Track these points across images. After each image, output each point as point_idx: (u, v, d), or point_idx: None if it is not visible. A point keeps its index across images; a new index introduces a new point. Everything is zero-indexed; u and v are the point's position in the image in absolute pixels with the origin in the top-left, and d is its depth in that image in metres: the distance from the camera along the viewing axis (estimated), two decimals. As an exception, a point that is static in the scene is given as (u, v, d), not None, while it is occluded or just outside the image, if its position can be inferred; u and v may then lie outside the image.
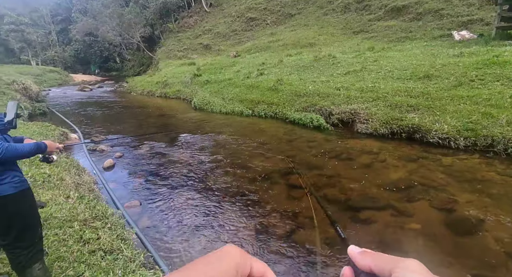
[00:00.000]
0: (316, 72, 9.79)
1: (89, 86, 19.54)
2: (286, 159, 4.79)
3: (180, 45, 24.87)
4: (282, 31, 20.07)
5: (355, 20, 17.15)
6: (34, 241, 1.64)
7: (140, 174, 4.54)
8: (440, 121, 5.16)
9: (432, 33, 12.00)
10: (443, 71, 6.94)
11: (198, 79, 12.96)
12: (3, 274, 1.84)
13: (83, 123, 8.48)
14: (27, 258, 1.61)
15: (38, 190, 3.07)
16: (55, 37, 39.62)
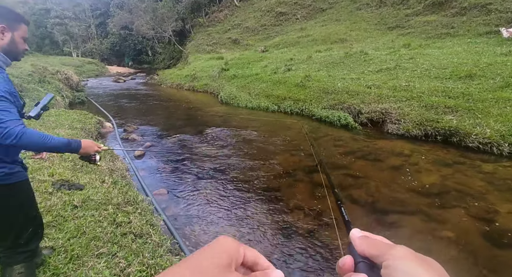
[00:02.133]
0: (346, 69, 9.48)
1: (123, 78, 20.54)
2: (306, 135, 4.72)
3: (209, 40, 25.23)
4: (312, 26, 19.62)
5: (390, 15, 16.31)
6: (17, 242, 1.48)
7: (168, 164, 4.71)
8: (482, 124, 4.79)
9: (477, 30, 11.10)
10: (488, 70, 6.42)
11: (225, 73, 13.11)
12: (48, 248, 2.00)
13: (117, 112, 8.95)
14: (6, 256, 1.49)
15: (77, 174, 3.30)
16: (94, 30, 41.95)
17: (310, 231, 2.89)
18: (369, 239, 0.34)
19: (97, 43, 40.86)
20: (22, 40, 1.36)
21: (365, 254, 0.32)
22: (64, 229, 2.21)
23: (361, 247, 0.33)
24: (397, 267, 0.28)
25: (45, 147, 1.32)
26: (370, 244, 0.33)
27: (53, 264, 1.85)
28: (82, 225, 2.29)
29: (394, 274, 0.28)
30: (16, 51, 1.35)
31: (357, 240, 0.34)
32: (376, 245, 0.32)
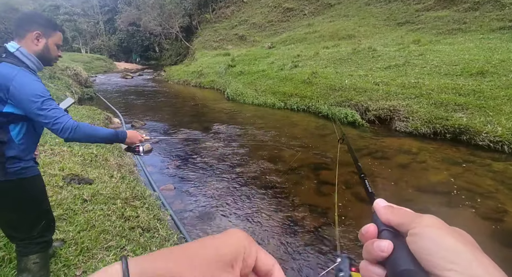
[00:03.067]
0: (353, 65, 9.37)
1: (130, 74, 20.72)
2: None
3: (216, 36, 25.19)
4: (320, 22, 19.39)
5: (400, 10, 15.99)
6: (31, 234, 1.52)
7: (175, 160, 4.76)
8: (493, 122, 4.69)
9: (490, 25, 10.80)
10: (501, 67, 6.26)
11: (232, 70, 13.10)
12: (59, 240, 2.05)
13: (124, 108, 9.05)
14: (22, 247, 1.53)
15: (87, 168, 3.37)
16: (102, 27, 42.33)
17: (316, 228, 2.90)
18: (394, 208, 0.33)
19: (105, 39, 41.24)
20: (56, 47, 1.43)
21: (390, 223, 0.32)
22: (74, 222, 2.27)
23: (385, 216, 0.32)
24: (424, 235, 0.27)
25: (96, 137, 1.41)
26: (396, 212, 0.32)
27: (64, 256, 1.90)
28: (91, 218, 2.34)
29: (420, 242, 0.27)
30: (49, 57, 1.41)
31: (382, 209, 0.33)
32: (402, 214, 0.31)
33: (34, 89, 1.22)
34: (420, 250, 0.27)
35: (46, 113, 1.23)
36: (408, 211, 0.32)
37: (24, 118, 1.30)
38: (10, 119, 1.26)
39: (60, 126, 1.26)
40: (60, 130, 1.26)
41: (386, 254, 0.29)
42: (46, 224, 1.57)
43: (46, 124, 1.26)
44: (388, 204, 0.34)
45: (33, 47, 1.33)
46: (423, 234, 0.27)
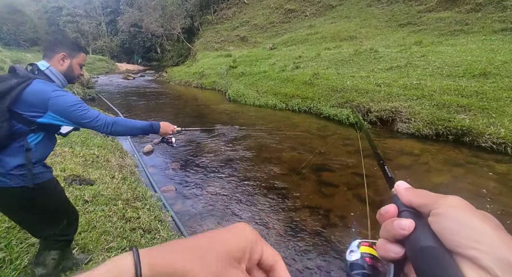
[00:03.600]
0: (355, 67, 9.36)
1: (132, 75, 20.79)
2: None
3: (218, 37, 25.26)
4: (321, 23, 19.40)
5: (402, 11, 15.98)
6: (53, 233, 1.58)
7: (176, 161, 4.76)
8: (496, 124, 4.66)
9: (492, 26, 10.77)
10: (504, 69, 6.23)
11: (233, 71, 13.11)
12: None
13: (126, 109, 9.07)
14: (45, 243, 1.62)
15: (88, 169, 3.37)
16: (104, 28, 42.52)
17: (318, 229, 2.88)
18: (416, 190, 0.33)
19: (107, 40, 41.42)
20: (79, 67, 1.57)
21: (412, 204, 0.31)
22: (75, 223, 2.26)
23: (407, 197, 0.32)
24: (448, 214, 0.27)
25: (133, 128, 1.57)
26: (418, 193, 0.32)
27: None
28: (92, 219, 2.34)
29: (444, 221, 0.27)
30: (72, 75, 1.55)
31: (404, 190, 0.33)
32: (424, 194, 0.31)
33: (70, 99, 1.37)
34: (443, 230, 0.27)
35: (86, 115, 1.39)
36: (431, 193, 0.31)
37: (46, 129, 1.40)
38: (33, 129, 1.34)
39: (103, 122, 1.42)
40: (103, 125, 1.42)
41: (407, 232, 0.29)
42: (68, 223, 1.63)
43: (89, 123, 1.39)
44: (409, 186, 0.34)
45: (59, 67, 1.48)
46: (447, 213, 0.27)
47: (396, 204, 0.33)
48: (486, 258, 0.24)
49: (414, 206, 0.31)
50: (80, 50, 1.56)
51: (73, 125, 1.41)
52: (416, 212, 0.31)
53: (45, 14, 37.95)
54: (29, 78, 1.30)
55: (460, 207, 0.28)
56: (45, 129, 1.39)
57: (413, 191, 0.33)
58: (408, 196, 0.32)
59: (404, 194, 0.33)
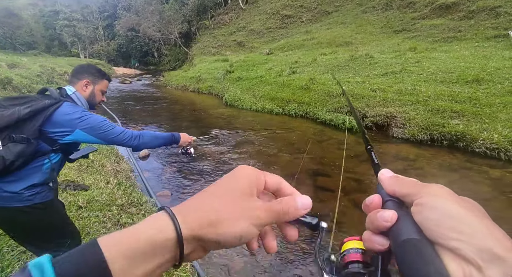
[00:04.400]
0: (351, 72, 9.46)
1: (129, 79, 20.76)
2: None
3: (215, 42, 25.41)
4: (318, 29, 19.64)
5: (396, 18, 16.25)
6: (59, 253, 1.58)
7: (172, 166, 4.74)
8: (489, 130, 4.73)
9: (485, 33, 10.99)
10: (496, 75, 6.34)
11: (230, 75, 13.17)
12: None
13: (122, 113, 9.03)
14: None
15: (83, 174, 3.34)
16: (102, 32, 42.56)
17: (313, 235, 2.87)
18: (400, 178, 0.32)
19: (104, 44, 41.42)
20: (100, 93, 1.65)
21: (395, 193, 0.31)
22: (69, 229, 2.23)
23: (390, 187, 0.32)
24: (430, 204, 0.26)
25: (158, 139, 1.64)
26: (401, 183, 0.31)
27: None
28: (86, 225, 2.31)
29: (426, 212, 0.26)
30: (94, 101, 1.62)
31: (387, 179, 0.33)
32: (408, 184, 0.30)
33: (98, 118, 1.46)
34: (424, 221, 0.26)
35: (114, 130, 1.46)
36: (415, 181, 0.31)
37: (65, 150, 1.45)
38: (55, 149, 1.39)
39: (130, 135, 1.50)
40: (130, 138, 1.50)
41: (390, 224, 0.29)
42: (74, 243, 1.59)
43: (117, 138, 1.46)
44: (394, 175, 0.33)
45: (82, 93, 1.57)
46: (429, 203, 0.27)
47: (380, 194, 0.32)
48: (468, 249, 0.23)
49: (397, 196, 0.31)
50: (103, 78, 1.64)
51: (101, 142, 1.46)
52: (400, 202, 0.30)
53: (42, 18, 37.90)
54: (60, 100, 1.39)
55: (442, 195, 0.27)
56: (64, 150, 1.45)
57: (397, 180, 0.32)
58: (391, 186, 0.32)
59: (387, 184, 0.32)
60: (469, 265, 0.23)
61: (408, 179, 0.32)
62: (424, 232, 0.26)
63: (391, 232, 0.29)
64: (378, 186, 0.34)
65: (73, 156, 1.65)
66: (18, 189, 1.31)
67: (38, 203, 1.38)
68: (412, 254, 0.25)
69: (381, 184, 0.33)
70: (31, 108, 1.27)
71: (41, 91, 1.47)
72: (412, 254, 0.25)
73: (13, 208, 1.31)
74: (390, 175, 0.33)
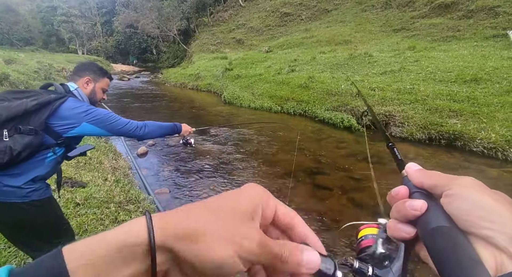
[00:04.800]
0: (350, 70, 9.46)
1: (127, 76, 20.66)
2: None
3: (214, 39, 25.30)
4: (317, 27, 19.59)
5: (396, 17, 16.24)
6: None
7: (170, 163, 4.73)
8: (487, 129, 4.75)
9: (483, 33, 11.00)
10: (494, 74, 6.36)
11: (229, 73, 13.13)
12: None
13: (121, 110, 9.00)
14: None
15: (80, 171, 3.32)
16: (100, 28, 42.24)
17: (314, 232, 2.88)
18: (428, 171, 0.32)
19: (102, 41, 41.14)
20: (101, 91, 1.65)
21: (423, 185, 0.31)
22: (66, 227, 2.22)
23: (418, 179, 0.31)
24: (461, 195, 0.27)
25: (162, 130, 1.66)
26: (430, 174, 0.31)
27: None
28: (84, 222, 2.30)
29: (457, 202, 0.27)
30: (95, 99, 1.63)
31: (415, 172, 0.33)
32: (436, 176, 0.30)
33: (103, 111, 1.48)
34: (455, 211, 0.27)
35: (120, 121, 1.49)
36: (443, 174, 0.31)
37: (68, 144, 1.46)
38: (59, 143, 1.39)
39: (135, 125, 1.52)
40: (136, 128, 1.52)
41: (419, 213, 0.29)
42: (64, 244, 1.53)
43: (123, 128, 1.48)
44: (421, 168, 0.33)
45: (83, 90, 1.58)
46: (460, 194, 0.27)
47: (407, 186, 0.32)
48: (500, 238, 0.24)
49: (425, 187, 0.31)
50: (104, 76, 1.65)
51: (108, 134, 1.48)
52: (428, 193, 0.30)
53: (39, 14, 37.57)
54: (65, 95, 1.41)
55: (473, 187, 0.27)
56: (67, 144, 1.46)
57: (425, 172, 0.32)
58: (419, 178, 0.31)
59: (415, 176, 0.32)
60: (502, 253, 0.24)
61: (436, 172, 0.31)
62: (455, 222, 0.26)
63: (420, 221, 0.29)
64: (404, 178, 0.34)
65: (71, 153, 1.64)
66: (20, 183, 1.30)
67: (35, 200, 1.37)
68: (444, 241, 0.26)
69: (407, 177, 0.33)
70: (37, 101, 1.28)
71: (45, 86, 1.50)
72: (444, 241, 0.26)
73: (10, 204, 1.30)
74: (418, 168, 0.33)
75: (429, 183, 0.30)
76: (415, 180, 0.32)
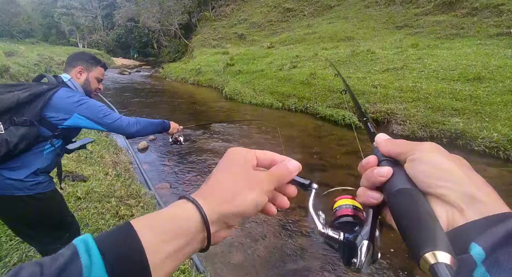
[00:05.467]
0: (352, 67, 9.40)
1: (128, 70, 20.56)
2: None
3: (215, 34, 25.09)
4: (319, 23, 19.42)
5: (399, 14, 16.08)
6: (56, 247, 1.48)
7: (171, 158, 4.73)
8: (489, 128, 4.73)
9: (487, 31, 10.90)
10: (498, 73, 6.32)
11: (230, 69, 13.05)
12: None
13: (121, 104, 8.97)
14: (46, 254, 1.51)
15: (81, 165, 3.32)
16: (101, 22, 41.92)
17: (311, 231, 2.89)
18: (394, 140, 0.35)
19: (103, 34, 40.86)
20: (96, 81, 1.61)
21: (390, 153, 0.34)
22: (67, 220, 2.23)
23: (386, 148, 0.34)
24: (421, 159, 0.29)
25: (152, 127, 1.63)
26: (396, 143, 0.34)
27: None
28: (85, 216, 2.31)
29: (417, 165, 0.29)
30: (89, 89, 1.59)
31: (383, 141, 0.36)
32: (401, 144, 0.33)
33: (96, 103, 1.45)
34: (417, 174, 0.30)
35: (112, 115, 1.44)
36: (408, 141, 0.33)
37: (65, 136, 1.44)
38: (56, 135, 1.38)
39: (127, 121, 1.47)
40: (128, 124, 1.47)
41: (385, 178, 0.32)
42: (70, 236, 1.56)
43: (114, 123, 1.43)
44: (389, 138, 0.37)
45: (77, 80, 1.54)
46: (420, 158, 0.30)
47: (376, 155, 0.35)
48: (453, 195, 0.27)
49: (392, 155, 0.33)
50: (97, 65, 1.60)
51: (99, 127, 1.43)
52: (394, 161, 0.33)
53: (40, 6, 37.26)
54: (57, 86, 1.39)
55: (432, 151, 0.30)
56: (65, 136, 1.45)
57: (392, 141, 0.35)
58: (386, 147, 0.34)
59: (383, 145, 0.35)
60: (454, 209, 0.27)
61: (401, 140, 0.34)
62: (416, 184, 0.29)
63: (386, 186, 0.32)
64: (374, 149, 0.37)
65: (71, 146, 1.65)
66: (22, 176, 1.30)
67: (40, 193, 1.37)
68: (405, 200, 0.29)
69: (377, 147, 0.36)
70: (30, 92, 1.28)
71: (38, 78, 1.49)
72: (405, 200, 0.29)
73: (13, 197, 1.30)
74: (387, 138, 0.36)
75: (395, 151, 0.33)
76: (383, 148, 0.35)
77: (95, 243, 0.25)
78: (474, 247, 0.23)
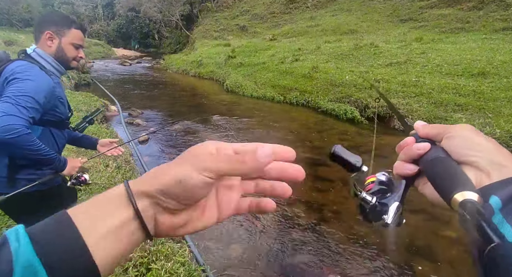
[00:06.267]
0: (355, 61, 9.29)
1: (128, 61, 20.38)
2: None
3: (217, 26, 24.76)
4: (323, 15, 19.13)
5: (404, 6, 15.80)
6: None
7: (172, 151, 4.72)
8: (492, 124, 4.70)
9: (493, 25, 10.72)
10: (503, 69, 6.24)
11: (232, 61, 12.93)
12: None
13: (122, 96, 8.92)
14: None
15: (81, 156, 3.32)
16: (101, 11, 41.38)
17: (312, 224, 2.90)
18: (432, 124, 0.39)
19: (103, 24, 40.39)
20: (72, 47, 1.29)
21: (428, 135, 0.37)
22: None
23: (424, 130, 0.38)
24: (457, 135, 0.34)
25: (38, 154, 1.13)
26: (433, 126, 0.38)
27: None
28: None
29: (453, 140, 0.34)
30: (65, 58, 1.28)
31: (421, 126, 0.39)
32: (438, 126, 0.37)
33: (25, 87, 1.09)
34: (452, 147, 0.34)
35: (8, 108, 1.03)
36: (444, 125, 0.37)
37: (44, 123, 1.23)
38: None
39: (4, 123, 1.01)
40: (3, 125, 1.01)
41: (423, 151, 0.36)
42: None
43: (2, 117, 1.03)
44: (425, 123, 0.40)
45: (47, 49, 1.25)
46: (456, 134, 0.34)
47: (414, 138, 0.39)
48: (482, 161, 0.31)
49: (430, 136, 0.37)
50: (70, 26, 1.26)
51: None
52: (431, 142, 0.37)
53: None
54: (11, 61, 1.16)
55: (468, 130, 0.34)
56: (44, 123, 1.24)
57: (430, 125, 0.38)
58: (424, 129, 0.38)
59: (421, 129, 0.38)
60: (482, 173, 0.31)
61: (438, 124, 0.38)
62: (451, 155, 0.34)
63: (423, 158, 0.36)
64: (412, 134, 0.40)
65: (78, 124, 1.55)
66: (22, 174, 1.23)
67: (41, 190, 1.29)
68: (440, 163, 0.33)
69: (416, 131, 0.39)
70: None
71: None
72: (440, 163, 0.33)
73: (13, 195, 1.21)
74: (424, 123, 0.39)
75: (432, 132, 0.37)
76: (421, 131, 0.38)
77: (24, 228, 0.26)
78: (492, 198, 0.28)
